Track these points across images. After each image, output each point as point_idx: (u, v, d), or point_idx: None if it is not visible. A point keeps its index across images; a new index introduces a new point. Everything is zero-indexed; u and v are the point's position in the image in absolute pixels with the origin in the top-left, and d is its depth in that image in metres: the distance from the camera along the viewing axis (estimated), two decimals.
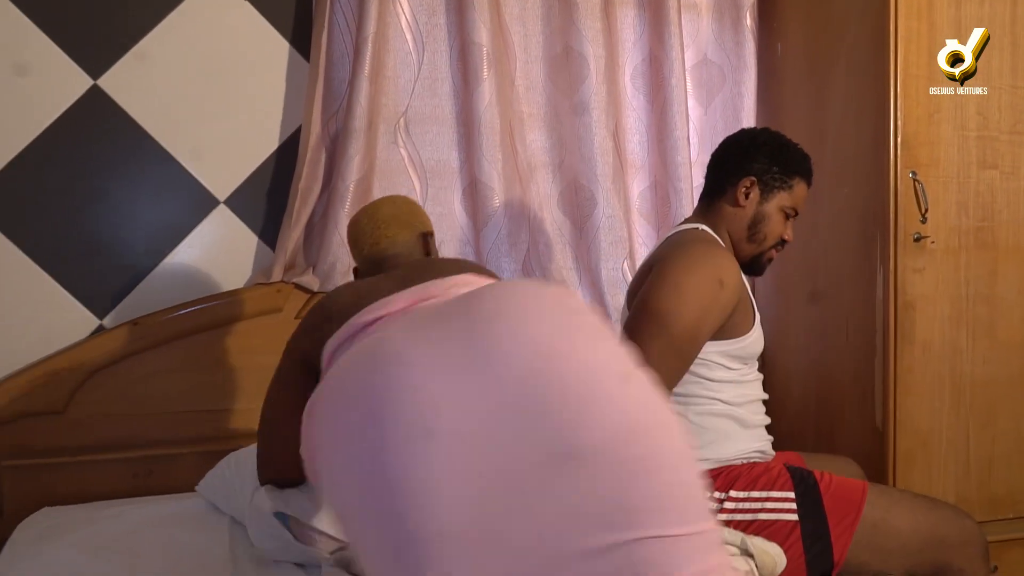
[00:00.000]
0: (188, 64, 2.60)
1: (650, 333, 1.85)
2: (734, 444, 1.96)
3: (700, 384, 1.95)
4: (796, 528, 1.82)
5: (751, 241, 2.06)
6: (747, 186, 2.03)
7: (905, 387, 2.40)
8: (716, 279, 1.88)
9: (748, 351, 1.98)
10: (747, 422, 1.98)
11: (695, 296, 1.86)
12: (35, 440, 2.45)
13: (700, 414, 1.95)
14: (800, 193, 2.07)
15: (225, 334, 2.59)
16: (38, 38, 2.48)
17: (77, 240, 2.55)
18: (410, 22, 2.70)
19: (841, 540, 1.81)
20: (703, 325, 1.86)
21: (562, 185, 2.86)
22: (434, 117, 2.75)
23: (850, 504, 1.84)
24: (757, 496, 1.86)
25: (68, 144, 2.52)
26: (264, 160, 2.68)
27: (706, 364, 1.94)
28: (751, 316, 1.98)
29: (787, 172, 2.05)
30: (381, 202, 1.99)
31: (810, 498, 1.85)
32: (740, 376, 1.99)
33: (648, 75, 2.90)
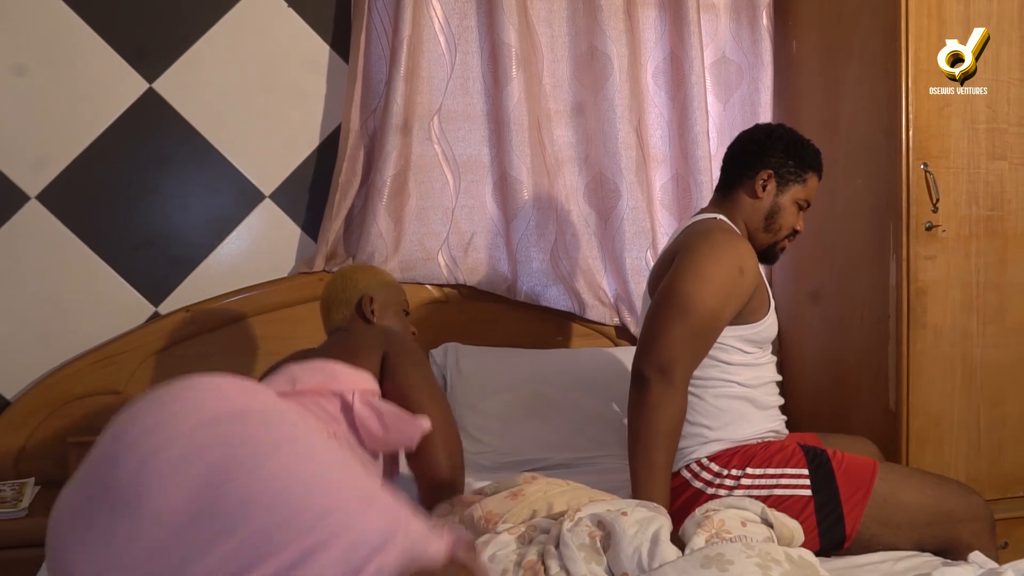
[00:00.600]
0: (235, 67, 2.70)
1: (674, 318, 1.89)
2: (750, 425, 2.00)
3: (718, 367, 1.99)
4: (810, 503, 1.86)
5: (767, 231, 2.09)
6: (764, 179, 2.06)
7: (917, 370, 2.43)
8: (737, 266, 1.92)
9: (763, 335, 2.01)
10: (762, 403, 2.02)
11: (717, 283, 1.90)
12: (97, 418, 2.56)
13: (717, 396, 1.99)
14: (812, 186, 2.12)
15: (270, 320, 2.68)
16: (100, 46, 2.59)
17: (134, 232, 2.66)
18: (443, 25, 2.77)
19: (852, 514, 1.85)
20: (724, 311, 1.90)
21: (588, 178, 2.91)
22: (466, 114, 2.81)
23: (861, 480, 1.88)
24: (772, 473, 1.91)
25: (125, 143, 2.63)
26: (306, 156, 2.76)
27: (724, 348, 1.97)
28: (767, 302, 2.01)
29: (802, 166, 2.08)
30: (328, 282, 2.15)
31: (823, 474, 1.89)
32: (755, 359, 2.03)
33: (669, 73, 2.94)
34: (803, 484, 1.89)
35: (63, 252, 2.60)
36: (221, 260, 2.72)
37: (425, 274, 2.78)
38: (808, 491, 1.88)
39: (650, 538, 1.49)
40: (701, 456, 1.95)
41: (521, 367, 2.69)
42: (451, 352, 2.71)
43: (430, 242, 2.80)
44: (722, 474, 1.92)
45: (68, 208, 2.60)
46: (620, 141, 2.83)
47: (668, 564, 1.43)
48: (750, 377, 2.01)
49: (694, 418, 1.97)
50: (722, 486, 1.91)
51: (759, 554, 1.44)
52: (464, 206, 2.83)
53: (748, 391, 2.00)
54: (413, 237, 2.79)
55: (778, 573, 1.41)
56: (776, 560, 1.44)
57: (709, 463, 1.94)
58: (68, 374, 2.56)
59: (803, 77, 2.88)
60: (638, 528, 1.51)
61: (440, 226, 2.81)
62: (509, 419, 2.59)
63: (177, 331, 2.63)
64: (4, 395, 2.57)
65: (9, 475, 2.51)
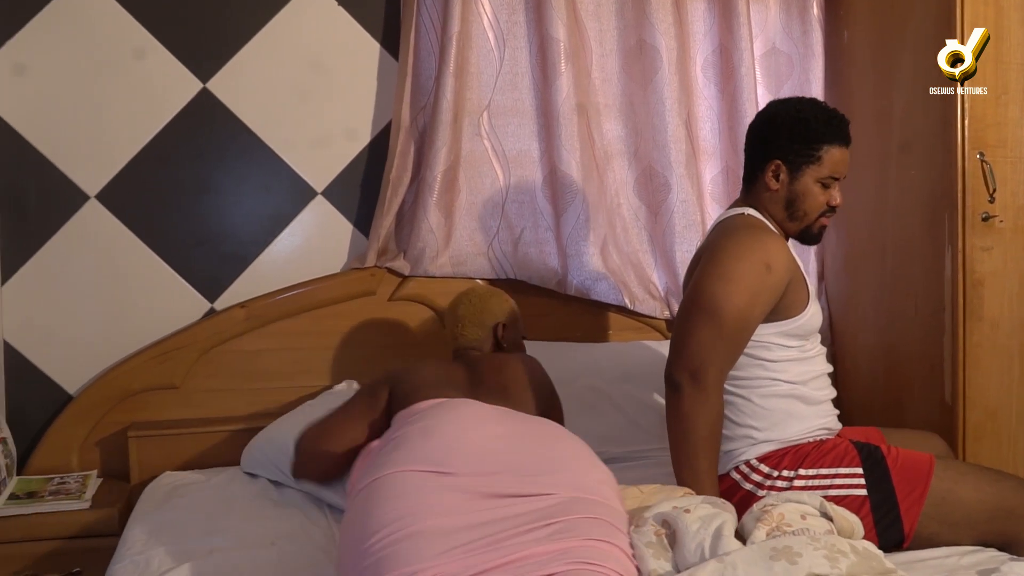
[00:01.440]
0: (287, 66, 2.74)
1: (701, 321, 1.87)
2: (799, 423, 1.96)
3: (761, 366, 1.96)
4: (866, 503, 1.84)
5: (792, 219, 2.02)
6: (773, 169, 2.00)
7: (974, 362, 2.40)
8: (763, 264, 1.88)
9: (806, 328, 1.96)
10: (811, 399, 1.99)
11: (743, 282, 1.87)
12: (156, 413, 2.65)
13: (763, 396, 1.96)
14: (833, 158, 1.98)
15: (323, 315, 2.73)
16: (155, 47, 2.65)
17: (190, 230, 2.71)
18: (491, 21, 2.80)
19: (910, 513, 1.82)
20: (753, 310, 1.87)
21: (637, 172, 2.93)
22: (515, 110, 2.84)
23: (917, 478, 1.85)
24: (826, 473, 1.88)
25: (181, 143, 2.69)
26: (357, 153, 2.80)
27: (765, 346, 1.94)
28: (805, 294, 1.96)
29: (810, 144, 1.97)
30: (461, 298, 2.27)
31: (878, 473, 1.87)
32: (802, 353, 1.99)
33: (718, 65, 2.95)
34: (858, 484, 1.86)
35: (122, 250, 2.66)
36: (275, 257, 2.77)
37: (475, 269, 2.81)
38: (863, 491, 1.85)
39: (712, 533, 1.51)
40: (750, 457, 1.94)
41: (573, 361, 2.70)
42: None
43: (480, 237, 2.83)
44: (773, 475, 1.91)
45: (126, 207, 2.67)
46: (669, 134, 2.85)
47: (736, 552, 1.45)
48: (798, 373, 1.97)
49: (741, 419, 1.96)
50: (774, 488, 1.89)
51: (825, 546, 1.45)
52: (514, 201, 2.85)
53: (796, 388, 1.96)
54: (463, 232, 2.82)
55: (845, 564, 1.43)
56: (842, 551, 1.45)
57: (759, 464, 1.93)
58: (127, 369, 2.63)
59: (855, 67, 2.87)
60: (700, 524, 1.53)
61: (490, 221, 2.84)
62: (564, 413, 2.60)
63: (232, 327, 2.69)
64: (67, 390, 2.64)
65: (73, 467, 2.58)
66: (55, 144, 2.61)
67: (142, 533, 2.01)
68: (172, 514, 2.12)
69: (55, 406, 2.63)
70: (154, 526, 2.04)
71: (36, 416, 2.63)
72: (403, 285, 2.77)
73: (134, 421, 2.62)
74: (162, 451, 2.56)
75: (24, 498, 2.36)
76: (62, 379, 2.64)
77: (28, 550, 2.31)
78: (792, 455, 1.92)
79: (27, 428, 2.62)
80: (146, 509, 2.20)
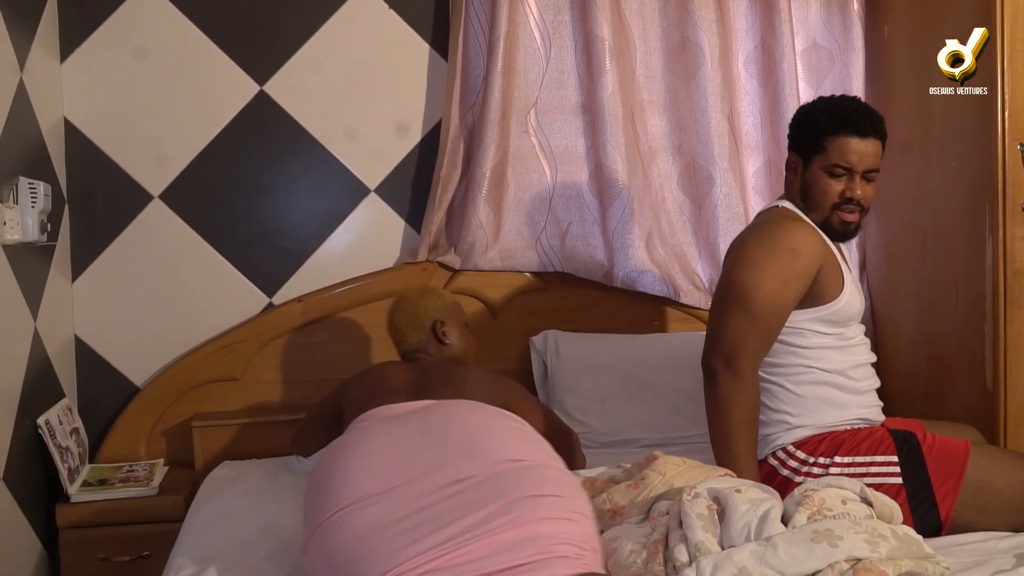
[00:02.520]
0: (340, 68, 2.79)
1: (731, 309, 1.91)
2: (836, 411, 1.97)
3: (794, 353, 1.97)
4: (901, 491, 1.86)
5: (809, 210, 2.04)
6: (792, 162, 2.07)
7: (1015, 350, 2.39)
8: (789, 249, 1.91)
9: (842, 314, 1.97)
10: (850, 388, 1.99)
11: (771, 268, 1.90)
12: (218, 403, 2.72)
13: (798, 383, 1.98)
14: (839, 147, 1.98)
15: (377, 309, 2.73)
16: (215, 53, 2.72)
17: (249, 228, 2.78)
18: (538, 21, 2.83)
19: (946, 501, 1.84)
20: (783, 295, 1.90)
21: (681, 166, 2.95)
22: (561, 107, 2.87)
23: (953, 466, 1.86)
24: (862, 461, 1.91)
25: (239, 144, 2.75)
26: (409, 152, 2.85)
27: (799, 332, 1.96)
28: (839, 280, 1.98)
29: (815, 136, 2.00)
30: (395, 307, 2.38)
31: (913, 461, 1.89)
32: (840, 341, 2.00)
33: (760, 61, 2.96)
34: (893, 472, 1.88)
35: (184, 248, 2.73)
36: (330, 252, 2.82)
37: (524, 262, 2.85)
38: (899, 479, 1.87)
39: (760, 516, 1.54)
40: (786, 443, 1.97)
41: (618, 351, 2.76)
42: (550, 338, 2.79)
43: (528, 231, 2.87)
44: (809, 461, 1.93)
45: (188, 206, 2.73)
46: (712, 129, 2.87)
47: (778, 535, 1.48)
48: (836, 361, 1.98)
49: (776, 405, 1.99)
50: (810, 474, 1.91)
51: (866, 530, 1.48)
52: (561, 196, 2.89)
53: (832, 376, 1.98)
54: (512, 226, 2.86)
55: (886, 549, 1.46)
56: (883, 536, 1.48)
57: (795, 450, 1.96)
58: (190, 362, 2.70)
59: (895, 61, 2.87)
60: (750, 506, 1.56)
61: (538, 215, 2.87)
62: (607, 401, 2.67)
63: (290, 320, 2.75)
64: (134, 382, 2.73)
65: (140, 456, 2.66)
66: (121, 147, 2.69)
67: (204, 519, 2.06)
68: (232, 500, 2.17)
69: (123, 398, 2.70)
70: (215, 512, 2.09)
71: (106, 407, 2.71)
72: (454, 279, 2.82)
73: (197, 412, 2.69)
74: (224, 440, 2.63)
75: (96, 485, 2.44)
76: (129, 372, 2.72)
77: (100, 534, 2.38)
78: (829, 442, 1.94)
79: (97, 419, 2.70)
80: (208, 496, 2.25)
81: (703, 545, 1.49)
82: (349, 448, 1.59)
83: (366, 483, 1.47)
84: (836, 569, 1.44)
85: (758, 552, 1.45)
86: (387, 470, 1.49)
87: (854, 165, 1.99)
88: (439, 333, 2.30)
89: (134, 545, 2.39)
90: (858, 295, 2.05)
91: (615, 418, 2.64)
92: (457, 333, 2.35)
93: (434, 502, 1.43)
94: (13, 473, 2.22)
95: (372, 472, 1.50)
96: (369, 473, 1.49)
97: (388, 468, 1.50)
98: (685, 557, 1.49)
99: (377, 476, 1.48)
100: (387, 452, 1.54)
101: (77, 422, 2.59)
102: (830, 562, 1.44)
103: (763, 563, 1.43)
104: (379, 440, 1.59)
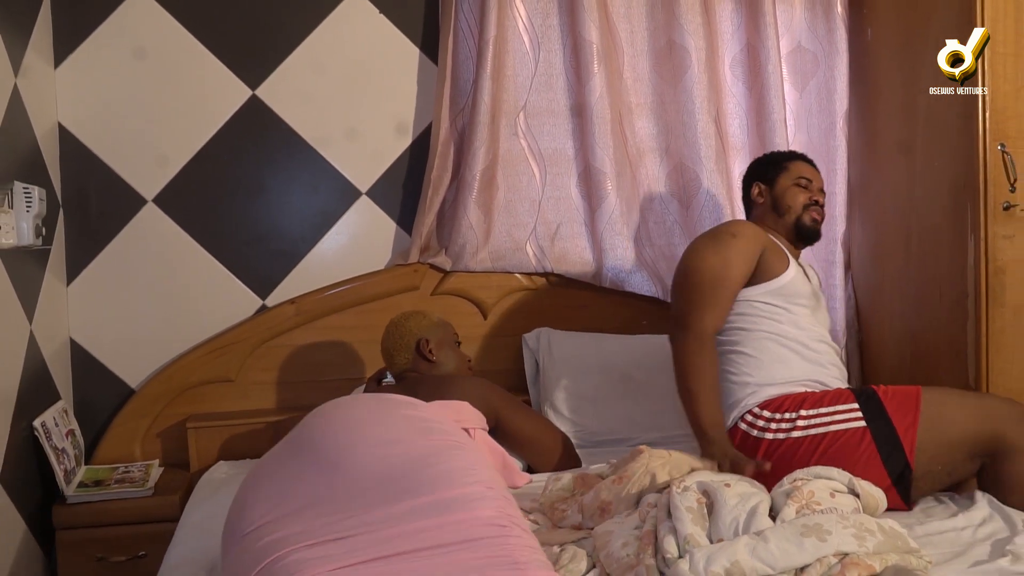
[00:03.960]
0: (331, 72, 2.82)
1: (679, 286, 2.21)
2: (796, 370, 2.15)
3: (752, 323, 2.19)
4: (866, 433, 1.98)
5: (782, 215, 2.40)
6: (755, 192, 2.46)
7: (997, 347, 2.41)
8: (728, 233, 2.21)
9: (791, 289, 2.20)
10: (805, 355, 2.17)
11: (712, 248, 2.19)
12: (213, 405, 2.74)
13: (756, 348, 2.17)
14: (798, 167, 2.44)
15: (369, 310, 2.80)
16: (208, 58, 2.74)
17: (242, 230, 2.80)
18: (526, 25, 2.86)
19: (908, 436, 1.96)
20: (727, 269, 2.15)
21: (669, 168, 2.98)
22: (550, 110, 2.90)
23: (908, 405, 2.01)
24: (826, 411, 2.04)
25: (232, 148, 2.77)
26: (400, 154, 2.88)
27: (751, 304, 2.19)
28: (785, 261, 2.23)
29: (776, 162, 2.47)
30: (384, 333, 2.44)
31: (873, 405, 2.03)
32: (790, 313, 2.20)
33: (746, 64, 2.99)
34: (856, 417, 2.02)
35: (178, 250, 2.76)
36: (322, 254, 2.85)
37: (514, 263, 2.88)
38: (862, 422, 2.00)
39: (748, 511, 1.59)
40: (752, 405, 2.11)
41: (610, 350, 2.79)
42: (543, 336, 2.82)
43: (518, 233, 2.90)
44: (776, 418, 2.06)
45: (182, 209, 2.76)
46: (699, 131, 2.90)
47: (769, 529, 1.52)
48: (792, 333, 2.19)
49: (739, 371, 2.17)
50: (780, 429, 2.04)
51: (854, 524, 1.53)
52: (550, 197, 2.92)
53: (789, 343, 2.17)
54: (502, 228, 2.89)
55: (872, 543, 1.50)
56: (870, 531, 1.52)
57: (761, 411, 2.09)
58: (185, 364, 2.72)
59: (880, 63, 2.88)
60: (738, 500, 1.61)
61: (528, 217, 2.90)
62: (599, 400, 2.70)
63: (283, 322, 2.77)
64: (129, 384, 2.75)
65: (136, 457, 2.69)
66: (115, 151, 2.72)
67: (200, 519, 2.07)
68: (228, 500, 2.04)
69: (119, 399, 2.73)
70: (210, 512, 2.08)
71: (101, 409, 2.73)
72: (445, 280, 2.85)
73: (192, 413, 2.71)
74: (219, 441, 2.66)
75: (92, 486, 2.46)
76: (125, 374, 2.74)
77: (97, 535, 2.40)
78: (791, 400, 2.08)
79: (93, 420, 2.72)
80: (203, 496, 2.27)
81: (692, 538, 1.53)
82: (262, 468, 1.55)
83: (265, 507, 1.40)
84: (824, 563, 1.47)
85: (750, 544, 1.48)
86: (285, 493, 1.42)
87: (812, 179, 2.44)
88: (424, 351, 2.37)
89: (130, 545, 2.41)
90: (804, 282, 2.26)
91: (607, 417, 2.68)
92: (445, 351, 2.41)
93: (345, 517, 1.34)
94: (10, 475, 2.23)
95: (271, 496, 1.43)
96: (269, 497, 1.42)
97: (286, 490, 1.43)
98: (674, 549, 1.52)
99: (275, 500, 1.41)
100: (287, 472, 1.48)
101: (73, 424, 2.61)
102: (819, 556, 1.47)
103: (755, 557, 1.46)
104: (278, 462, 1.53)
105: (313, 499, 1.38)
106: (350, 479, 1.40)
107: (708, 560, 1.45)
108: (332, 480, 1.40)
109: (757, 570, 1.45)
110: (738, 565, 1.45)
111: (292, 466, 1.48)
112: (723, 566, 1.45)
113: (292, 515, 1.36)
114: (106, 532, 2.41)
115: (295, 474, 1.46)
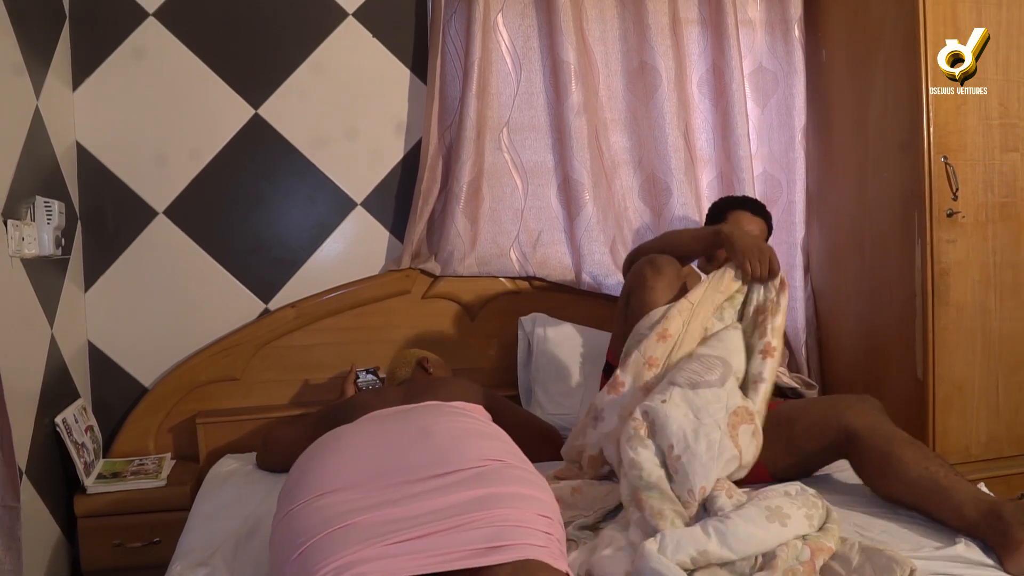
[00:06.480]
0: (328, 92, 2.90)
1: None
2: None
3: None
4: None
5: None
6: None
7: (942, 343, 2.53)
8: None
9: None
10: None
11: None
12: (220, 402, 2.81)
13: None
14: (735, 217, 2.64)
15: (365, 312, 2.89)
16: (213, 80, 2.82)
17: (246, 239, 2.87)
18: (509, 47, 2.96)
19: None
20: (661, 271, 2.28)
21: (641, 179, 3.07)
22: (531, 126, 2.99)
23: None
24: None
25: (236, 163, 2.84)
26: (392, 168, 2.95)
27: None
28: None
29: (719, 212, 2.69)
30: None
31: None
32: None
33: (712, 82, 3.09)
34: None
35: (187, 258, 2.83)
36: (321, 261, 2.92)
37: (499, 268, 2.97)
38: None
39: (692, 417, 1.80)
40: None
41: (597, 341, 2.86)
42: (539, 321, 2.91)
43: (503, 240, 2.99)
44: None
45: (190, 220, 2.83)
46: (670, 145, 2.99)
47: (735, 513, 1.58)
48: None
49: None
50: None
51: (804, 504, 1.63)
52: (532, 207, 3.00)
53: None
54: (487, 236, 2.97)
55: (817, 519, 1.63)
56: (814, 504, 1.65)
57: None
58: (194, 364, 2.79)
59: (833, 82, 2.98)
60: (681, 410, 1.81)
61: (511, 225, 2.99)
62: (588, 386, 2.79)
63: (285, 324, 2.85)
64: (143, 383, 2.82)
65: (149, 451, 2.76)
66: (128, 167, 2.78)
67: (209, 508, 2.13)
68: (234, 491, 2.24)
69: (133, 397, 2.79)
70: (219, 502, 2.17)
71: (117, 406, 2.79)
72: (435, 284, 2.93)
73: (201, 410, 2.78)
74: (226, 435, 2.73)
75: (109, 478, 2.53)
76: (138, 374, 2.81)
77: (115, 523, 2.46)
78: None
79: (110, 417, 2.79)
80: (212, 487, 2.32)
81: (634, 462, 1.73)
82: (339, 439, 1.64)
83: (345, 473, 1.50)
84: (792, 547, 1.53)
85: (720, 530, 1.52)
86: (368, 463, 1.53)
87: (752, 229, 2.58)
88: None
89: (146, 532, 2.48)
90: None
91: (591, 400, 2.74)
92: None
93: (408, 495, 1.44)
94: (34, 468, 2.28)
95: (352, 464, 1.53)
96: (349, 463, 1.53)
97: (369, 461, 1.53)
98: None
99: (355, 468, 1.52)
100: (371, 446, 1.59)
101: (91, 420, 2.66)
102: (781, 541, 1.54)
103: (723, 545, 1.50)
104: (365, 435, 1.64)
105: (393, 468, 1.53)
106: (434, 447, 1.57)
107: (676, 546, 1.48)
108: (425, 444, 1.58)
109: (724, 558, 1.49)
110: (706, 554, 1.49)
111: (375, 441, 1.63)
112: (689, 555, 1.48)
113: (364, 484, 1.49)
114: (123, 520, 2.47)
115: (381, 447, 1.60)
